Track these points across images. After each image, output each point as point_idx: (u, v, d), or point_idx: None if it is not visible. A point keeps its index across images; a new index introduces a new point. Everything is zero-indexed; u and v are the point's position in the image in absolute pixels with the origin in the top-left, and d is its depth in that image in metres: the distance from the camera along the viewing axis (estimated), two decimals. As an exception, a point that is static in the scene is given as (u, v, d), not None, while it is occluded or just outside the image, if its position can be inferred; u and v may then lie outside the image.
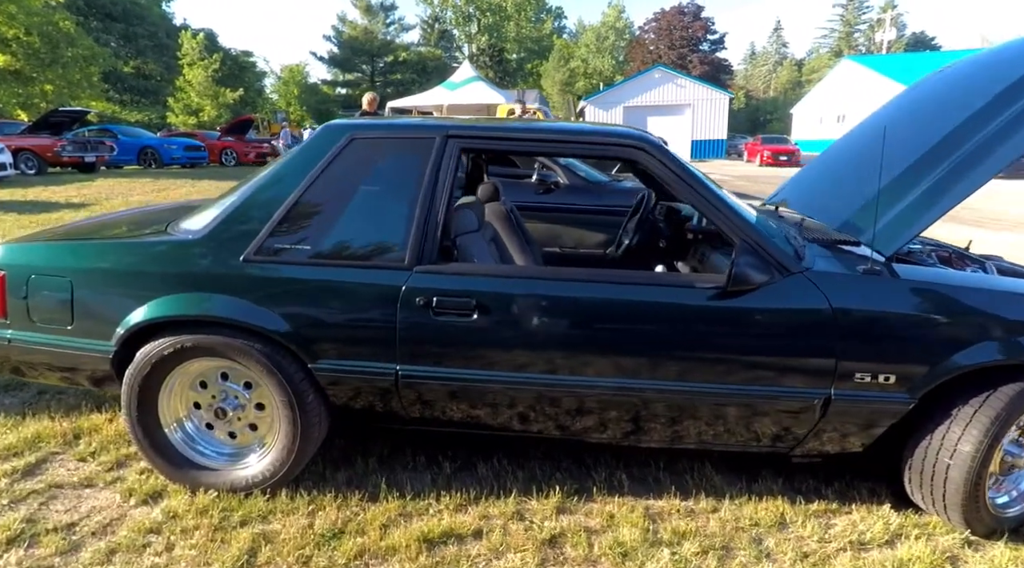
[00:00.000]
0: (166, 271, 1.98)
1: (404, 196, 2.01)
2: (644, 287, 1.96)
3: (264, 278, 1.95)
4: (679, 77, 31.62)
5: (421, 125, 2.16)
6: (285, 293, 1.95)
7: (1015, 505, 2.04)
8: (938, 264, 2.31)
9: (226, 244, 1.97)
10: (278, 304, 1.94)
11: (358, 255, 1.97)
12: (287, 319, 1.93)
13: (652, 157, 1.99)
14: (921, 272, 2.03)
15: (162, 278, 1.97)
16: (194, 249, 1.99)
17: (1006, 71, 2.21)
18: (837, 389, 1.92)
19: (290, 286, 1.95)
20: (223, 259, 1.96)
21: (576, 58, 46.56)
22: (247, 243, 1.96)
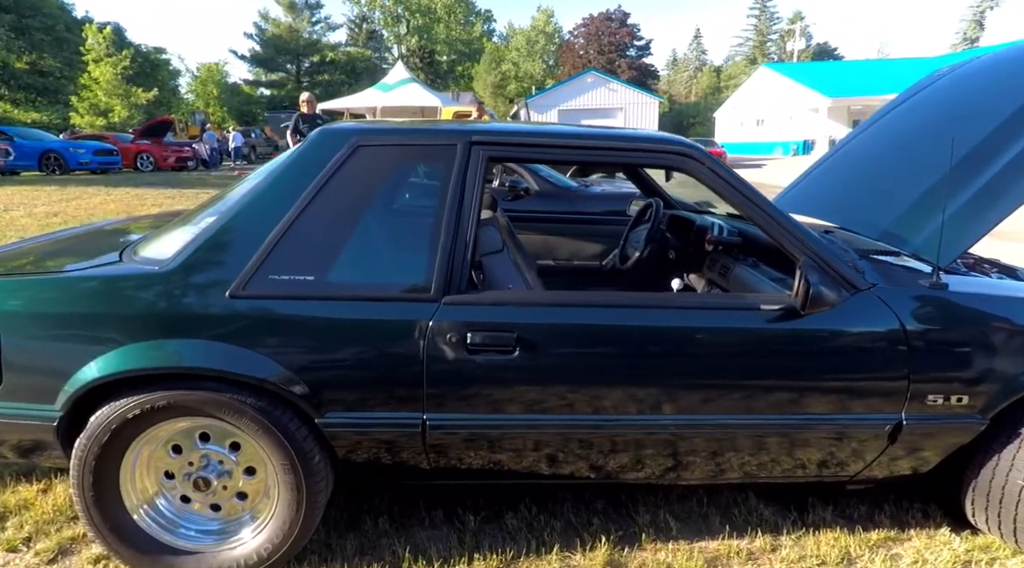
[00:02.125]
0: (127, 313, 1.57)
1: (425, 214, 1.71)
2: (706, 312, 1.74)
3: (257, 317, 1.58)
4: (611, 81, 32.24)
5: (439, 130, 1.85)
6: (284, 335, 1.59)
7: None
8: (970, 272, 2.23)
9: (206, 276, 1.59)
10: (276, 348, 1.58)
11: (373, 286, 1.65)
12: (288, 366, 1.58)
13: (702, 165, 1.77)
14: (981, 284, 1.92)
15: (122, 322, 1.56)
16: (163, 284, 1.59)
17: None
18: (908, 413, 1.77)
19: (291, 326, 1.60)
20: (203, 295, 1.58)
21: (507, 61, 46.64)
22: (234, 274, 1.58)
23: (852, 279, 1.75)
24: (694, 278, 2.81)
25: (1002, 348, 1.76)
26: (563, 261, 3.34)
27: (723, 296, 1.83)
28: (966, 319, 1.76)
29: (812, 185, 2.91)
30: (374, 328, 1.61)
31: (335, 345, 1.60)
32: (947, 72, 2.80)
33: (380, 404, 1.64)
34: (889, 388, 1.75)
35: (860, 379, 1.75)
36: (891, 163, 2.50)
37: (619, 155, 1.84)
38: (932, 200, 2.11)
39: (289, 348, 1.58)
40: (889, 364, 1.73)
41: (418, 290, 1.64)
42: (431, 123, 1.98)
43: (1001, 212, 1.88)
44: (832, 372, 1.75)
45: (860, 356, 1.74)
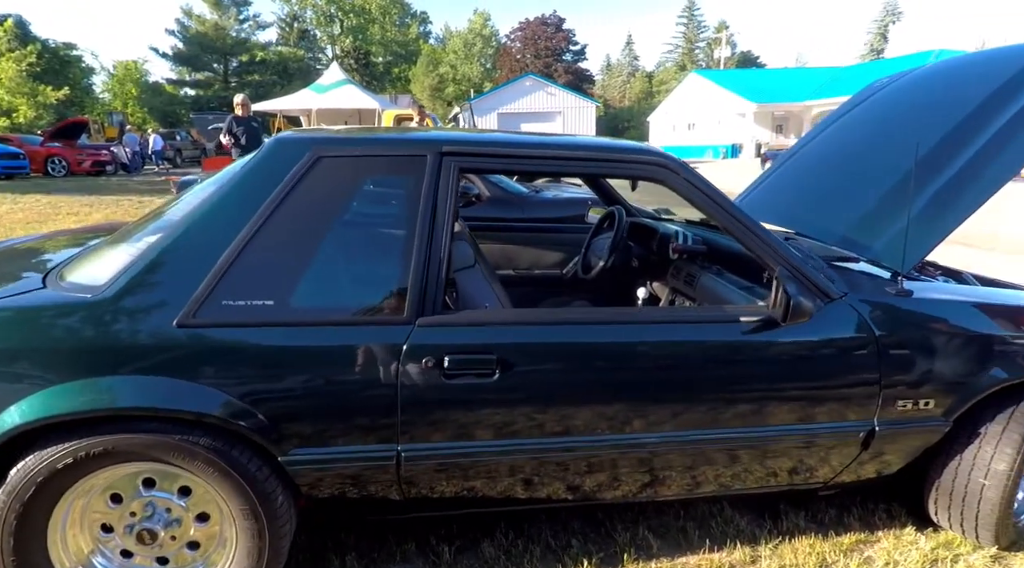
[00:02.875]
0: (56, 347, 1.37)
1: (395, 230, 1.59)
2: (691, 325, 1.70)
3: (210, 348, 1.42)
4: (549, 85, 32.59)
5: (407, 139, 1.73)
6: (242, 366, 1.43)
7: (1023, 512, 2.05)
8: (920, 277, 2.31)
9: (150, 304, 1.42)
10: (232, 382, 1.42)
11: (341, 309, 1.52)
12: (246, 400, 1.43)
13: (677, 175, 1.74)
14: (941, 289, 1.98)
15: (49, 358, 1.36)
16: (99, 313, 1.40)
17: (985, 78, 2.25)
18: (880, 419, 1.80)
19: (249, 356, 1.44)
20: (146, 325, 1.40)
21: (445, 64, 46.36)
22: (182, 301, 1.42)
23: (826, 288, 1.76)
24: (658, 286, 2.80)
25: (964, 352, 1.81)
26: (523, 271, 3.27)
27: (705, 309, 1.80)
28: (931, 325, 1.80)
29: (767, 191, 2.96)
30: (343, 355, 1.48)
31: (300, 375, 1.46)
32: (890, 81, 2.91)
33: (349, 437, 1.51)
34: (862, 396, 1.77)
35: (836, 388, 1.76)
36: (845, 169, 2.56)
37: (595, 165, 1.78)
38: (889, 206, 2.17)
39: (247, 381, 1.43)
40: (862, 372, 1.75)
41: (390, 312, 1.53)
42: (397, 132, 1.86)
43: (957, 218, 1.94)
44: (809, 382, 1.75)
45: (835, 365, 1.75)
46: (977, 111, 2.17)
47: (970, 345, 1.81)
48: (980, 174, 1.97)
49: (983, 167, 1.99)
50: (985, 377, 1.81)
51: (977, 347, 1.82)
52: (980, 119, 2.13)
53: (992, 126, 2.09)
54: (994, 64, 2.36)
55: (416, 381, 1.51)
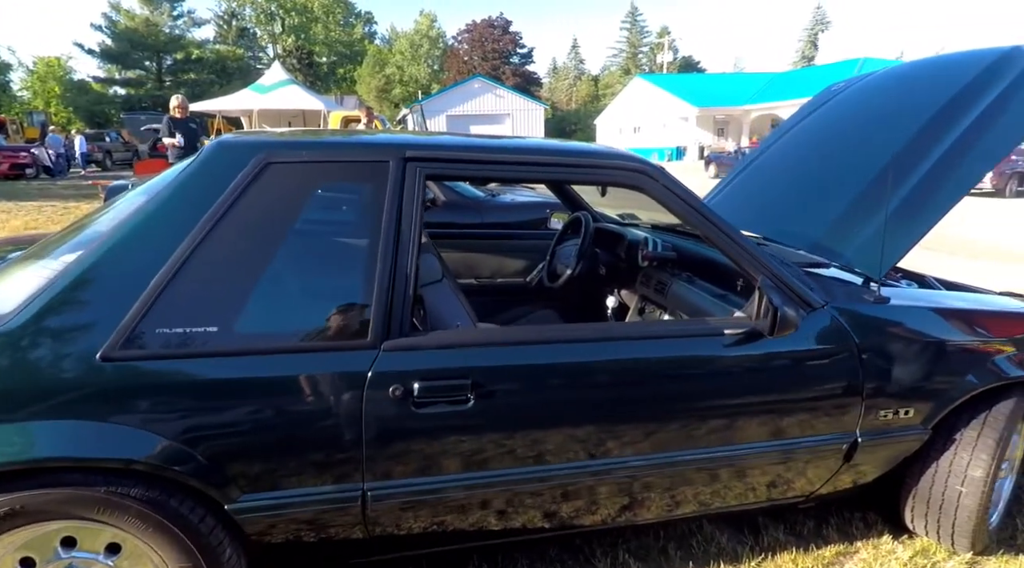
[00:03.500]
0: None
1: (355, 244, 1.44)
2: (678, 340, 1.61)
3: (142, 384, 1.23)
4: (498, 87, 32.56)
5: (366, 144, 1.58)
6: (180, 403, 1.25)
7: (994, 512, 2.07)
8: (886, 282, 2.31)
9: (68, 333, 1.22)
10: (169, 422, 1.24)
11: (295, 334, 1.35)
12: (186, 443, 1.24)
13: (656, 182, 1.65)
14: (915, 296, 1.96)
15: None
16: (5, 345, 1.19)
17: (944, 82, 2.26)
18: (862, 430, 1.76)
19: (188, 391, 1.26)
20: (64, 359, 1.20)
21: (391, 65, 45.71)
22: (108, 329, 1.22)
23: (808, 298, 1.71)
24: (626, 294, 2.73)
25: (941, 358, 1.79)
26: (486, 280, 3.14)
27: (690, 323, 1.72)
28: (910, 332, 1.78)
29: (731, 196, 2.93)
30: (299, 386, 1.32)
31: (249, 411, 1.29)
32: (847, 85, 2.93)
33: (308, 478, 1.35)
34: (845, 407, 1.72)
35: (819, 400, 1.71)
36: (810, 173, 2.55)
37: (571, 172, 1.66)
38: (859, 211, 2.15)
39: (187, 420, 1.25)
40: (845, 383, 1.71)
41: (352, 335, 1.37)
42: (353, 135, 1.70)
43: (928, 221, 1.93)
44: (794, 395, 1.69)
45: (819, 377, 1.70)
46: (940, 115, 2.18)
47: (947, 351, 1.80)
48: (948, 177, 1.97)
49: (951, 170, 1.99)
50: (962, 383, 1.80)
51: (953, 353, 1.80)
52: (943, 123, 2.14)
53: (956, 129, 2.10)
54: (952, 69, 2.39)
55: (383, 412, 1.36)
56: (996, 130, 2.00)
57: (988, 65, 2.24)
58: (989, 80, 2.16)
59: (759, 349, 1.64)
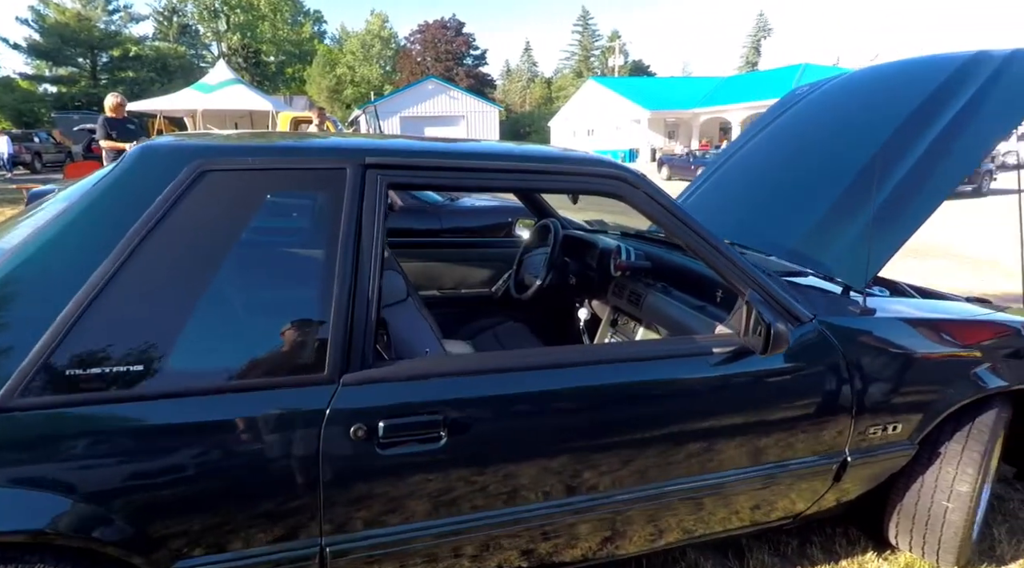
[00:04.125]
0: None
1: (310, 264, 1.26)
2: (666, 362, 1.50)
3: (51, 436, 1.03)
4: (452, 89, 32.33)
5: (320, 148, 1.40)
6: (98, 458, 1.06)
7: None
8: None
9: (-46, 378, 1.01)
10: (84, 481, 1.04)
11: (239, 369, 1.17)
12: (107, 505, 1.05)
13: (636, 189, 1.54)
14: (899, 306, 1.91)
15: None
16: None
17: (914, 85, 2.24)
18: (851, 449, 1.69)
19: (108, 444, 1.07)
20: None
21: (342, 65, 44.83)
22: (7, 372, 1.02)
23: (796, 311, 1.62)
24: (597, 305, 2.61)
25: (928, 371, 1.75)
26: (449, 291, 2.98)
27: (678, 342, 1.60)
28: (896, 344, 1.72)
29: (702, 201, 2.86)
30: (243, 430, 1.14)
31: (184, 464, 1.10)
32: (812, 89, 2.91)
33: (256, 536, 1.17)
34: (835, 425, 1.65)
35: (809, 419, 1.63)
36: (784, 178, 2.50)
37: (546, 179, 1.53)
38: (836, 217, 2.10)
39: (107, 478, 1.06)
40: (835, 400, 1.64)
41: (306, 369, 1.20)
42: (304, 138, 1.51)
43: (908, 229, 1.88)
44: (784, 415, 1.61)
45: (809, 394, 1.62)
46: (912, 119, 2.15)
47: (934, 364, 1.75)
48: (926, 182, 1.93)
49: (928, 175, 1.95)
50: (948, 396, 1.75)
51: (940, 365, 1.76)
52: (917, 127, 2.11)
53: (930, 133, 2.07)
54: (920, 73, 2.38)
55: (343, 456, 1.19)
56: (971, 133, 1.98)
57: (957, 68, 2.22)
58: (960, 83, 2.15)
59: (748, 367, 1.55)
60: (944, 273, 5.75)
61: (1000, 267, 6.26)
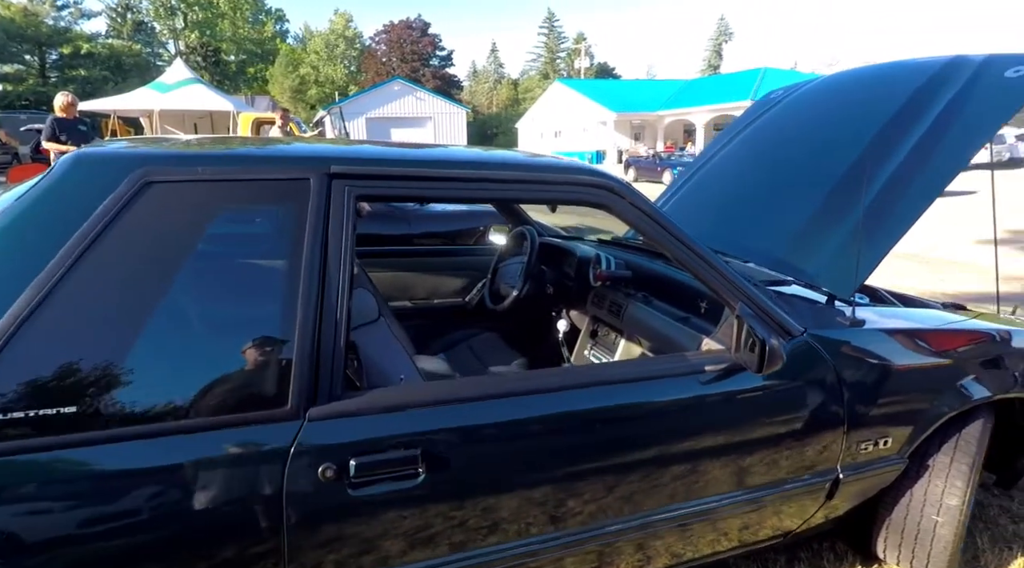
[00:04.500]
0: None
1: (270, 285, 1.14)
2: (658, 382, 1.42)
3: None
4: (418, 90, 32.05)
5: (280, 156, 1.27)
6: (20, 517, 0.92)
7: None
8: None
9: None
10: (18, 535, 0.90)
11: (189, 406, 1.04)
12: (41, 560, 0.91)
13: (623, 199, 1.45)
14: (888, 315, 1.87)
15: None
16: None
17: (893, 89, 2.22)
18: (843, 465, 1.64)
19: (40, 496, 0.93)
20: None
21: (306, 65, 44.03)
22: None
23: (787, 325, 1.56)
24: (576, 315, 2.53)
25: (917, 382, 1.71)
26: (421, 301, 2.86)
27: (669, 360, 1.52)
28: (887, 356, 1.68)
29: (679, 207, 2.81)
30: (196, 476, 1.01)
31: (128, 515, 0.97)
32: (786, 94, 2.88)
33: None
34: (828, 442, 1.60)
35: (802, 437, 1.57)
36: (763, 183, 2.45)
37: (528, 189, 1.42)
38: (818, 223, 2.07)
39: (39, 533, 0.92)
40: (828, 416, 1.58)
41: (267, 403, 1.08)
42: (262, 145, 1.39)
43: (894, 236, 1.85)
44: (777, 434, 1.54)
45: (802, 411, 1.55)
46: (893, 125, 2.13)
47: (923, 375, 1.71)
48: (911, 187, 1.90)
49: (912, 180, 1.92)
50: (937, 408, 1.72)
51: (929, 377, 1.72)
52: (897, 132, 2.08)
53: (911, 138, 2.05)
54: (897, 77, 2.37)
55: (310, 499, 1.07)
56: (952, 138, 1.96)
57: (934, 73, 2.21)
58: (939, 87, 2.13)
59: (741, 385, 1.48)
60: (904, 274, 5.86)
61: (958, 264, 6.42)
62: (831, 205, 2.08)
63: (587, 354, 2.43)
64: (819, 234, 2.04)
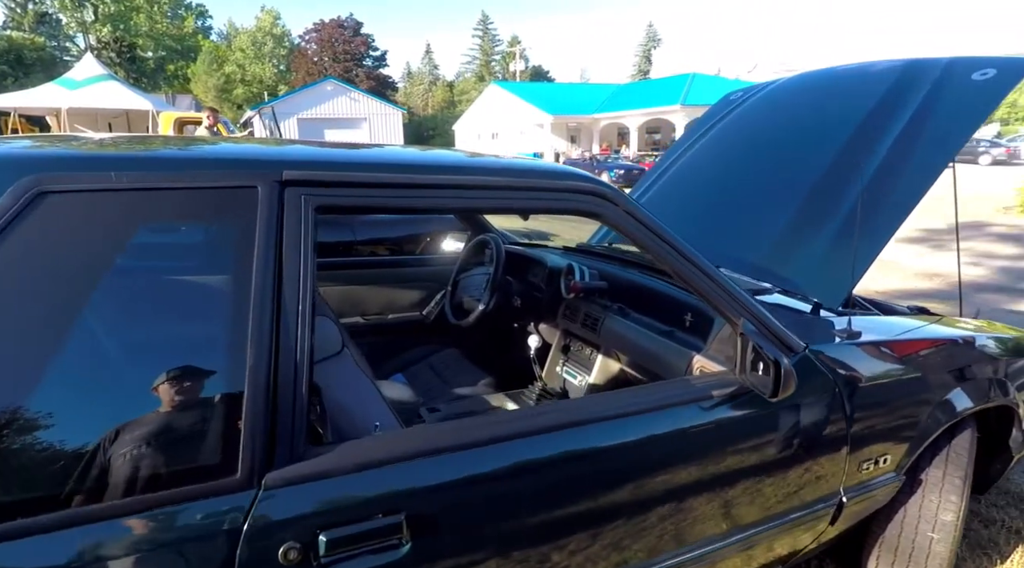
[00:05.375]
0: None
1: (209, 321, 0.91)
2: (663, 413, 1.26)
3: None
4: (352, 91, 31.23)
5: (216, 158, 1.03)
6: None
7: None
8: None
9: None
10: None
11: (106, 483, 0.80)
12: None
13: (618, 208, 1.29)
14: (881, 326, 1.80)
15: None
16: None
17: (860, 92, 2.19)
18: (846, 487, 1.54)
19: None
20: None
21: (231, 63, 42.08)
22: None
23: (789, 341, 1.45)
24: (545, 329, 2.37)
25: (914, 395, 1.64)
26: (375, 316, 2.62)
27: (673, 387, 1.36)
28: (885, 370, 1.60)
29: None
30: None
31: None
32: (745, 96, 2.83)
33: None
34: (833, 465, 1.50)
35: (808, 462, 1.46)
36: (733, 189, 2.37)
37: (512, 197, 1.23)
38: (799, 230, 1.99)
39: None
40: (833, 436, 1.48)
41: (209, 472, 0.85)
42: (193, 145, 1.13)
43: (880, 241, 1.79)
44: (783, 460, 1.42)
45: (807, 433, 1.45)
46: (864, 129, 2.08)
47: (920, 386, 1.64)
48: (895, 189, 1.85)
49: (895, 181, 1.88)
50: (932, 420, 1.66)
51: (924, 388, 1.65)
52: (871, 136, 2.04)
53: (885, 142, 2.01)
54: (862, 79, 2.34)
55: (271, 589, 0.85)
56: (928, 142, 1.92)
57: (898, 78, 2.19)
58: (906, 90, 2.11)
59: (748, 410, 1.35)
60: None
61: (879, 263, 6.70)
62: (808, 210, 2.02)
63: (559, 371, 2.27)
64: (798, 240, 1.97)
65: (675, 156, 2.86)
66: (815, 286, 1.82)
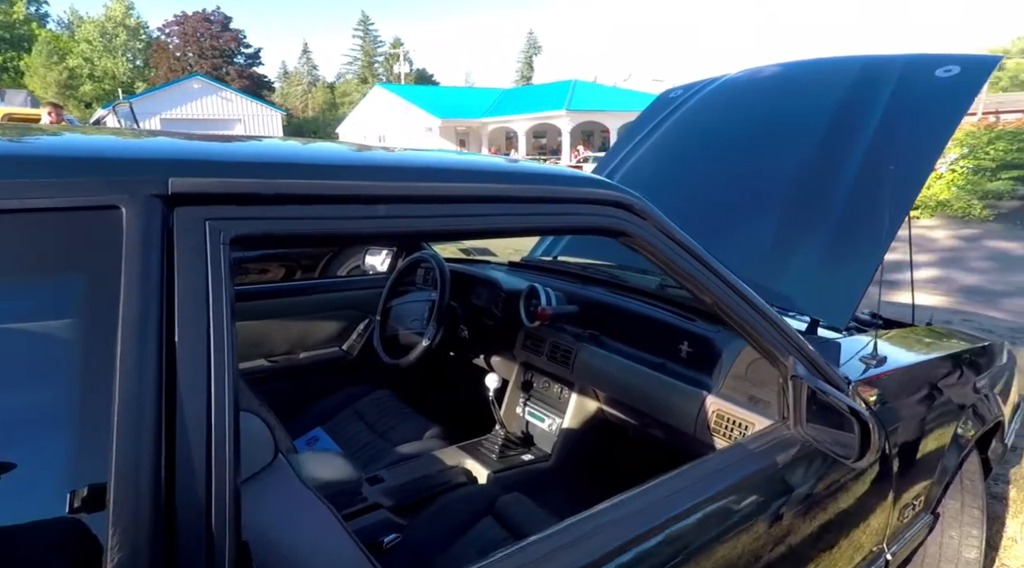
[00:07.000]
0: None
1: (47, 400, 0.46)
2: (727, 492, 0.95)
3: None
4: (224, 89, 28.87)
5: (61, 157, 0.57)
6: None
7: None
8: None
9: None
10: None
11: None
12: None
13: (647, 223, 0.96)
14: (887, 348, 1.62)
15: None
16: None
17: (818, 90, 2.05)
18: (888, 540, 1.33)
19: None
20: None
21: (76, 56, 37.41)
22: None
23: (836, 380, 1.20)
24: (498, 363, 2.00)
25: (944, 423, 1.46)
26: (283, 356, 2.10)
27: (734, 456, 1.04)
28: (916, 397, 1.41)
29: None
30: None
31: None
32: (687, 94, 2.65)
33: None
34: (881, 517, 1.27)
35: (859, 519, 1.22)
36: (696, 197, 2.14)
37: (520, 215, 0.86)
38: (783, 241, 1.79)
39: None
40: (880, 485, 1.25)
41: None
42: (24, 136, 0.64)
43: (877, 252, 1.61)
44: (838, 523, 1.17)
45: (859, 487, 1.20)
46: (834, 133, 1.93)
47: (946, 415, 1.47)
48: (881, 199, 1.69)
49: (881, 190, 1.71)
50: (955, 448, 1.49)
51: (950, 416, 1.48)
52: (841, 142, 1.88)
53: (860, 145, 1.86)
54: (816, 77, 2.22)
55: None
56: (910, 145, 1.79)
57: (857, 77, 2.07)
58: (869, 90, 1.99)
59: (816, 472, 1.08)
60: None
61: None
62: (794, 218, 1.82)
63: (520, 412, 1.92)
64: (786, 253, 1.77)
65: (615, 162, 2.61)
66: (818, 305, 1.61)
